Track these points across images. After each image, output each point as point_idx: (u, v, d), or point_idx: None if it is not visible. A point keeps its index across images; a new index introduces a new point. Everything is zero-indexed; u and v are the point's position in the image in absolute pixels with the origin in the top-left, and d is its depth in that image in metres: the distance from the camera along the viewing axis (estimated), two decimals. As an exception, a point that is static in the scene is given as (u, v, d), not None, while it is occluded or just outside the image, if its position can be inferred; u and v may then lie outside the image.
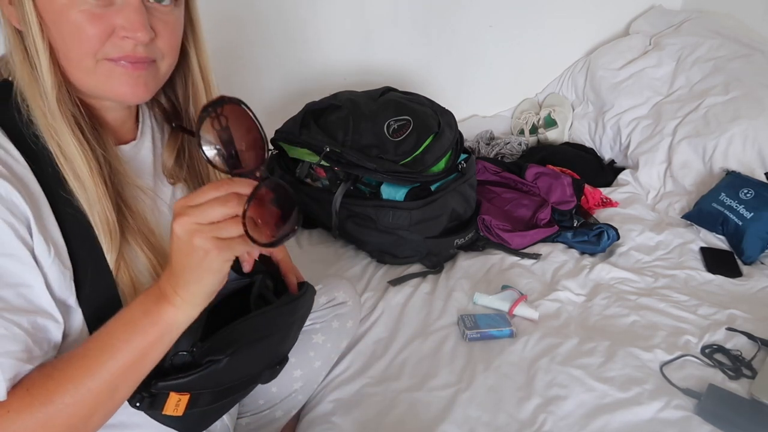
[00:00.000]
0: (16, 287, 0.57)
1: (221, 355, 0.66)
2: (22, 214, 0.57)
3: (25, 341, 0.57)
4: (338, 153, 1.53)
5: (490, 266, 1.59)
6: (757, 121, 1.88)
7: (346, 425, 1.09)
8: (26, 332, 0.57)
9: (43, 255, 0.59)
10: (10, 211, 0.56)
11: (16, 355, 0.56)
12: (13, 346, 0.56)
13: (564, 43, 2.51)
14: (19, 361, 0.57)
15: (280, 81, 2.22)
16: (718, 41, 2.18)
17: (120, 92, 0.66)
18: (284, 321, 0.77)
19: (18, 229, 0.57)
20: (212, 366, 0.66)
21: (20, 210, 0.57)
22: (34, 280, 0.58)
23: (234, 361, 0.68)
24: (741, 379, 1.21)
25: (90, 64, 0.63)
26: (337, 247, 1.65)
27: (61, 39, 0.61)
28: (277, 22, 2.10)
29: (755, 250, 1.67)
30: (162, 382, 0.65)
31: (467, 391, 1.16)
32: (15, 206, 0.57)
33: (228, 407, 0.77)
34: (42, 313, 0.59)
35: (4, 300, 0.56)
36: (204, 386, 0.67)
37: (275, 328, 0.75)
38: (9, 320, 0.56)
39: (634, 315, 1.41)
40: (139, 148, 0.76)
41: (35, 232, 0.58)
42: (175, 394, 0.66)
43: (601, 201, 1.93)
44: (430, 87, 2.19)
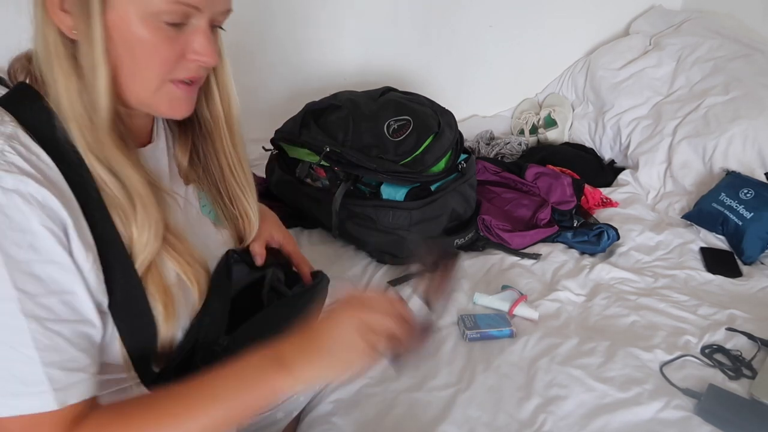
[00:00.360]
0: (61, 294, 0.56)
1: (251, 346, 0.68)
2: (60, 220, 0.56)
3: (68, 350, 0.57)
4: (338, 153, 1.53)
5: (490, 266, 1.59)
6: (757, 121, 1.88)
7: (346, 425, 1.09)
8: (69, 342, 0.57)
9: (82, 260, 0.58)
10: (50, 217, 0.55)
11: (63, 364, 0.56)
12: (57, 356, 0.56)
13: (564, 43, 2.51)
14: (67, 371, 0.56)
15: (280, 81, 2.22)
16: (718, 41, 2.18)
17: (177, 111, 0.67)
18: (304, 308, 0.80)
19: (59, 235, 0.56)
20: None
21: (58, 216, 0.56)
22: (76, 286, 0.57)
23: None
24: (741, 379, 1.21)
25: (157, 84, 0.63)
26: (337, 247, 1.65)
27: (131, 57, 0.60)
28: (277, 23, 2.11)
29: (755, 250, 1.68)
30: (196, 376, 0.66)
31: (467, 392, 1.16)
32: (53, 212, 0.56)
33: None
34: (85, 321, 0.59)
35: (49, 308, 0.55)
36: None
37: (296, 316, 0.76)
38: (53, 330, 0.55)
39: (634, 315, 1.41)
40: (155, 150, 0.76)
41: (74, 237, 0.57)
42: None
43: (601, 201, 1.93)
44: (430, 87, 2.19)
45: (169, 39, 0.61)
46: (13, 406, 0.54)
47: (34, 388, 0.54)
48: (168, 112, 0.67)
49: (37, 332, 0.54)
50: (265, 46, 2.13)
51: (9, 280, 0.53)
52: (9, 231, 0.53)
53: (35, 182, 0.55)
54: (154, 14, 0.58)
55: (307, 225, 1.71)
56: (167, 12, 0.59)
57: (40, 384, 0.54)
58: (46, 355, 0.55)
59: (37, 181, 0.55)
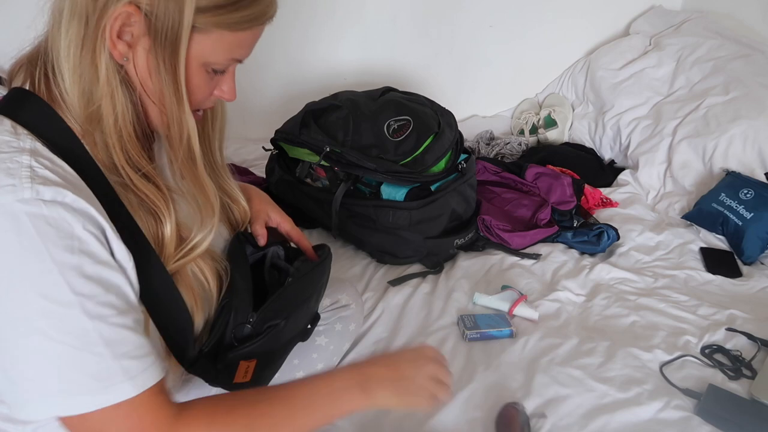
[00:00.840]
0: (115, 289, 0.59)
1: (279, 320, 0.77)
2: (98, 224, 0.58)
3: (133, 340, 0.59)
4: (338, 153, 1.53)
5: (490, 266, 1.59)
6: (757, 121, 1.88)
7: (346, 425, 1.09)
8: (132, 331, 0.59)
9: (125, 259, 0.60)
10: (90, 222, 0.57)
11: (131, 353, 0.58)
12: (126, 348, 0.58)
13: (564, 43, 2.51)
14: (136, 359, 0.58)
15: (280, 81, 2.22)
16: (718, 41, 2.18)
17: None
18: (320, 280, 0.89)
19: (100, 239, 0.58)
20: (273, 330, 0.76)
21: (96, 221, 0.58)
22: (122, 281, 0.60)
23: (289, 323, 0.79)
24: (741, 380, 1.21)
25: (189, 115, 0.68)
26: (337, 247, 1.65)
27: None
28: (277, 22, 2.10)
29: (755, 251, 1.68)
30: (232, 352, 0.72)
31: (467, 392, 1.16)
32: (92, 218, 0.58)
33: (280, 365, 0.88)
34: (136, 309, 0.62)
35: (109, 305, 0.57)
36: (267, 350, 0.76)
37: (312, 290, 0.86)
38: (117, 324, 0.57)
39: (634, 315, 1.41)
40: (159, 150, 0.77)
41: (112, 238, 0.59)
42: (244, 362, 0.73)
43: (601, 201, 1.93)
44: (430, 87, 2.19)
45: (209, 82, 0.69)
46: (97, 401, 0.56)
47: (111, 381, 0.57)
48: None
49: (103, 330, 0.56)
50: (265, 46, 2.12)
51: (67, 286, 0.55)
52: (58, 239, 0.55)
53: (71, 192, 0.56)
54: (209, 63, 0.66)
55: (307, 225, 1.71)
56: (220, 64, 0.67)
57: (115, 376, 0.57)
58: (116, 348, 0.57)
59: (72, 191, 0.57)
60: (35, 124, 0.61)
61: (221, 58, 0.66)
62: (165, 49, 0.61)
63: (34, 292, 0.54)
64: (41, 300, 0.54)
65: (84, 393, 0.56)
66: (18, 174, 0.55)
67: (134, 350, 0.59)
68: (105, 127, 0.63)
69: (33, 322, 0.54)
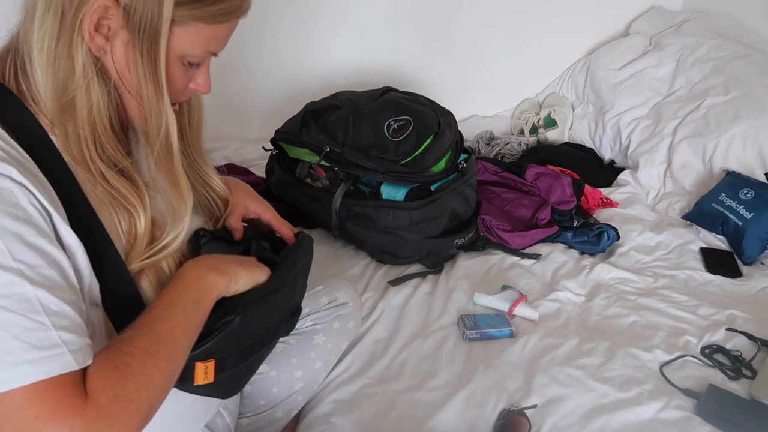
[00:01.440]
0: (57, 266, 0.57)
1: (232, 315, 0.71)
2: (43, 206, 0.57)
3: (74, 317, 0.56)
4: (338, 153, 1.53)
5: (490, 266, 1.59)
6: (757, 121, 1.88)
7: (345, 426, 1.09)
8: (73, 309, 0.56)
9: (74, 244, 0.60)
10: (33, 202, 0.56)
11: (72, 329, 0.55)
12: (67, 321, 0.55)
13: (564, 43, 2.51)
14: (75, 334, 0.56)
15: (280, 81, 2.22)
16: (718, 42, 2.18)
17: None
18: (286, 274, 0.83)
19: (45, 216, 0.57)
20: (227, 327, 0.71)
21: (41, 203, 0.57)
22: (66, 263, 0.58)
23: (247, 319, 0.73)
24: (741, 380, 1.21)
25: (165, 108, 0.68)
26: (337, 247, 1.65)
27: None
28: (277, 22, 2.11)
29: (755, 251, 1.68)
30: None
31: (467, 392, 1.16)
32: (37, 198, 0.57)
33: (257, 365, 0.83)
34: (78, 294, 0.60)
35: (50, 278, 0.55)
36: (225, 349, 0.72)
37: (280, 282, 0.80)
38: (58, 296, 0.55)
39: (634, 315, 1.41)
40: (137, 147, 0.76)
41: (60, 223, 0.58)
42: (200, 363, 0.69)
43: (601, 201, 1.93)
44: (430, 87, 2.19)
45: (185, 75, 0.70)
46: (30, 373, 0.52)
47: (50, 351, 0.53)
48: None
49: (45, 299, 0.54)
50: (265, 46, 2.13)
51: (7, 251, 0.53)
52: (1, 206, 0.53)
53: (18, 171, 0.56)
54: (185, 56, 0.67)
55: (307, 225, 1.71)
56: (196, 56, 0.68)
57: (56, 347, 0.53)
58: (57, 320, 0.54)
59: (19, 170, 0.56)
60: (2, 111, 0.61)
61: (198, 50, 0.67)
62: (144, 42, 0.62)
63: None
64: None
65: (21, 362, 0.52)
66: None
67: (74, 327, 0.56)
68: (78, 119, 0.63)
69: None
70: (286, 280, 0.82)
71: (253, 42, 2.10)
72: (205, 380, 0.70)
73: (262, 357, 0.84)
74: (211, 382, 0.71)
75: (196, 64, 0.70)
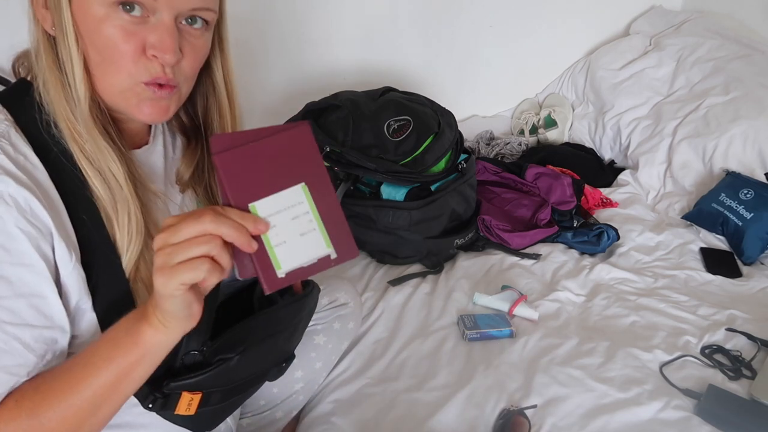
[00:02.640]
0: (30, 297, 0.56)
1: (232, 354, 0.67)
2: (43, 223, 0.56)
3: (23, 355, 0.56)
4: (338, 153, 1.53)
5: (490, 266, 1.59)
6: (757, 121, 1.88)
7: (345, 425, 1.09)
8: (26, 346, 0.56)
9: (65, 261, 0.58)
10: (29, 221, 0.55)
11: (10, 369, 0.56)
12: (8, 360, 0.56)
13: (564, 44, 2.51)
14: (12, 375, 0.56)
15: (280, 81, 2.22)
16: (718, 42, 2.18)
17: (144, 114, 0.66)
18: (290, 319, 0.78)
19: (37, 239, 0.56)
20: (223, 364, 0.66)
21: (41, 219, 0.56)
22: (48, 291, 0.57)
23: (244, 359, 0.69)
24: (741, 380, 1.21)
25: (126, 84, 0.63)
26: (337, 247, 1.65)
27: (96, 51, 0.61)
28: (277, 22, 2.10)
29: (755, 251, 1.67)
30: (174, 382, 0.65)
31: (467, 391, 1.16)
32: (36, 216, 0.56)
33: (237, 404, 0.78)
34: (52, 327, 0.59)
35: (13, 311, 0.55)
36: (215, 385, 0.68)
37: (282, 327, 0.75)
38: (10, 334, 0.55)
39: (634, 315, 1.41)
40: (150, 152, 0.76)
41: (57, 239, 0.57)
42: (187, 393, 0.66)
43: (601, 201, 1.93)
44: (430, 87, 2.19)
45: (128, 32, 0.60)
46: None
47: None
48: (138, 116, 0.66)
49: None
50: (265, 46, 2.13)
51: None
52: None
53: (15, 183, 0.55)
54: (112, 2, 0.59)
55: (307, 225, 1.71)
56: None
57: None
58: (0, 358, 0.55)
59: (18, 181, 0.55)
60: (20, 113, 0.61)
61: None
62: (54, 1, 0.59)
63: None
64: None
65: None
66: None
67: (14, 366, 0.56)
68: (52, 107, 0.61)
69: None
70: (287, 326, 0.78)
71: (253, 41, 2.10)
72: (187, 411, 0.67)
73: (245, 398, 0.79)
74: (191, 414, 0.68)
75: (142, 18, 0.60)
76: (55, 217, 0.58)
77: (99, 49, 0.61)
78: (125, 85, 0.63)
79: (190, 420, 0.69)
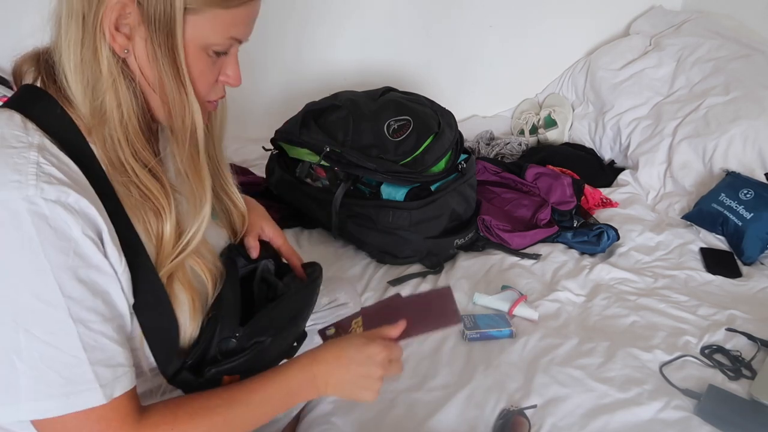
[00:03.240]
0: (102, 295, 0.60)
1: (265, 336, 0.75)
2: (96, 226, 0.59)
3: (111, 348, 0.60)
4: (338, 153, 1.53)
5: (490, 266, 1.59)
6: (757, 121, 1.88)
7: (345, 426, 1.09)
8: (111, 339, 0.60)
9: (117, 263, 0.61)
10: (88, 224, 0.58)
11: (107, 361, 0.59)
12: (102, 354, 0.59)
13: (564, 44, 2.51)
14: (110, 367, 0.60)
15: (280, 81, 2.22)
16: (718, 42, 2.18)
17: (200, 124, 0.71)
18: (307, 302, 0.88)
19: (96, 242, 0.59)
20: (259, 347, 0.74)
21: (95, 223, 0.59)
22: (112, 287, 0.61)
23: (275, 341, 0.77)
24: (741, 380, 1.22)
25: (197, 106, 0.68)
26: (337, 247, 1.65)
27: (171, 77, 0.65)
28: (277, 22, 2.11)
29: (755, 251, 1.68)
30: (215, 368, 0.71)
31: (467, 392, 1.16)
32: (91, 219, 0.58)
33: None
34: (122, 316, 0.63)
35: (93, 311, 0.58)
36: (252, 367, 0.74)
37: (303, 306, 0.86)
38: (98, 331, 0.59)
39: (634, 315, 1.41)
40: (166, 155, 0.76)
41: (108, 241, 0.60)
42: (227, 377, 0.72)
43: (601, 201, 1.93)
44: (430, 87, 2.19)
45: (212, 66, 0.68)
46: (67, 405, 0.57)
47: (83, 386, 0.58)
48: None
49: (84, 334, 0.58)
50: (265, 46, 2.13)
51: (57, 287, 0.56)
52: (55, 240, 0.56)
53: (75, 192, 0.57)
54: (208, 45, 0.65)
55: (307, 225, 1.71)
56: (219, 45, 0.66)
57: (89, 382, 0.58)
58: (93, 354, 0.58)
59: (76, 190, 0.57)
60: (45, 120, 0.62)
61: (219, 38, 0.65)
62: (160, 34, 0.61)
63: (26, 290, 0.55)
64: (31, 298, 0.55)
65: (56, 396, 0.57)
66: (24, 170, 0.56)
67: (110, 359, 0.60)
68: (110, 121, 0.63)
69: (19, 317, 0.55)
70: (307, 305, 0.87)
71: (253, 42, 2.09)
72: None
73: None
74: None
75: (223, 53, 0.68)
76: (106, 222, 0.60)
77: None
78: (197, 105, 0.67)
79: None
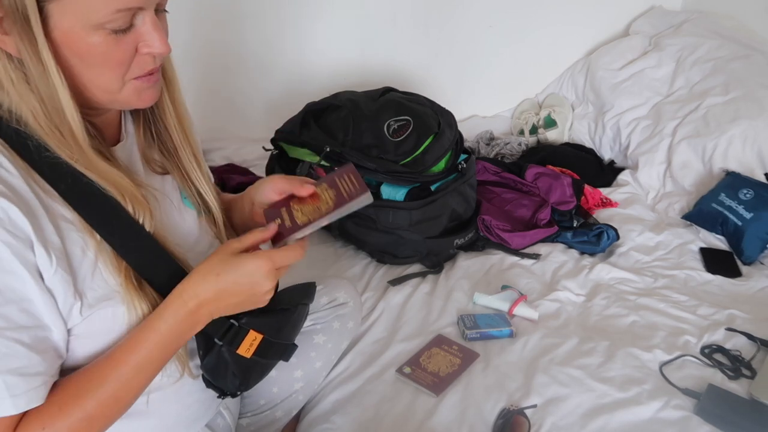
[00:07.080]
0: (19, 302, 0.57)
1: (307, 301, 0.81)
2: (22, 231, 0.56)
3: (27, 357, 0.58)
4: (338, 153, 1.53)
5: (490, 266, 1.59)
6: (757, 121, 1.88)
7: (345, 425, 1.09)
8: (28, 347, 0.58)
9: (45, 266, 0.59)
10: (8, 230, 0.55)
11: (21, 370, 0.57)
12: (16, 363, 0.57)
13: (564, 44, 2.51)
14: (24, 377, 0.57)
15: (280, 81, 2.22)
16: (718, 42, 2.19)
17: (145, 102, 0.68)
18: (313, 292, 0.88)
19: (17, 247, 0.56)
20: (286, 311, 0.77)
21: (20, 227, 0.56)
22: (33, 294, 0.58)
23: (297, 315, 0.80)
24: (740, 379, 1.22)
25: (118, 86, 0.64)
26: (337, 247, 1.65)
27: (86, 67, 0.61)
28: (277, 22, 2.11)
29: (755, 251, 1.68)
30: (248, 317, 0.72)
31: (467, 391, 1.16)
32: (14, 224, 0.56)
33: (267, 370, 0.83)
34: (43, 327, 0.60)
35: (6, 317, 0.56)
36: (278, 331, 0.76)
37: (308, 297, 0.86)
38: (10, 338, 0.56)
39: (634, 315, 1.41)
40: (127, 146, 0.75)
41: (37, 245, 0.57)
42: (253, 332, 0.73)
43: (601, 201, 1.93)
44: (430, 87, 2.19)
45: (119, 42, 0.61)
46: None
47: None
48: (137, 104, 0.68)
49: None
50: (265, 46, 2.13)
51: None
52: None
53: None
54: (98, 24, 0.58)
55: (307, 225, 1.71)
56: (111, 21, 0.58)
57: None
58: (4, 363, 0.56)
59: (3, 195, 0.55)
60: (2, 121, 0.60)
61: (103, 15, 0.57)
62: (21, 25, 0.55)
63: None
64: None
65: None
66: None
67: (23, 368, 0.57)
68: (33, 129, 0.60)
69: None
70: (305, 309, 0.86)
71: (253, 42, 2.10)
72: (246, 353, 0.73)
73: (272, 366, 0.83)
74: (246, 357, 0.73)
75: (125, 28, 0.60)
76: (34, 222, 0.57)
77: (90, 65, 0.61)
78: (118, 86, 0.64)
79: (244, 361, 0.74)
